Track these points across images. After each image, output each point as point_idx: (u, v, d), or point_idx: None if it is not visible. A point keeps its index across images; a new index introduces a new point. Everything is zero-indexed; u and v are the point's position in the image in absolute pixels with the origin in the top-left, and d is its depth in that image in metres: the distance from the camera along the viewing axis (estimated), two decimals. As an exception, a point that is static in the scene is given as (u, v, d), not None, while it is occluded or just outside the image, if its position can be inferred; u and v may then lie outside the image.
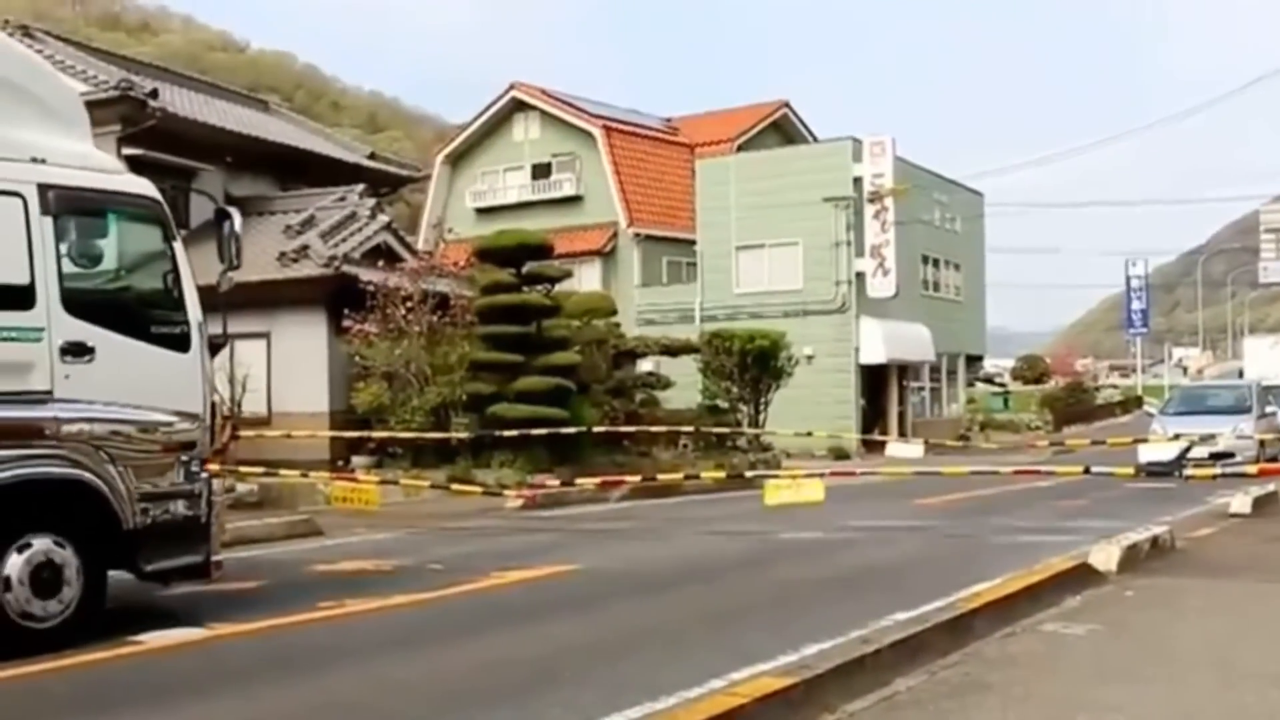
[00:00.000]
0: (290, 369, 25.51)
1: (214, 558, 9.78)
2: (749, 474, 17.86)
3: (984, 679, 7.19)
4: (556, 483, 17.96)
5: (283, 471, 16.53)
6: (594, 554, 13.94)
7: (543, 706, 6.90)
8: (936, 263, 45.89)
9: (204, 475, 9.77)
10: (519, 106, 50.32)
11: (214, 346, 10.45)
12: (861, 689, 6.88)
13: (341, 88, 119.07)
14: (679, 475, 18.36)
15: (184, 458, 9.51)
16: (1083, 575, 10.53)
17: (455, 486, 17.61)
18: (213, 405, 10.15)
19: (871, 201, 39.36)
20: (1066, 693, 6.91)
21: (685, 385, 31.49)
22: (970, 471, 15.54)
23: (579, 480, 17.12)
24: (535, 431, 21.96)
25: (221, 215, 10.64)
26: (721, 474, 19.26)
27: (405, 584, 11.46)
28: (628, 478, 17.64)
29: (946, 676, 7.30)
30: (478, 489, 17.21)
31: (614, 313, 30.29)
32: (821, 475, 14.13)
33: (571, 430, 22.48)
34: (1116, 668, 7.52)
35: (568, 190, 48.48)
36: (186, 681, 7.79)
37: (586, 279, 44.94)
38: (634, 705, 6.76)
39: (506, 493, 17.45)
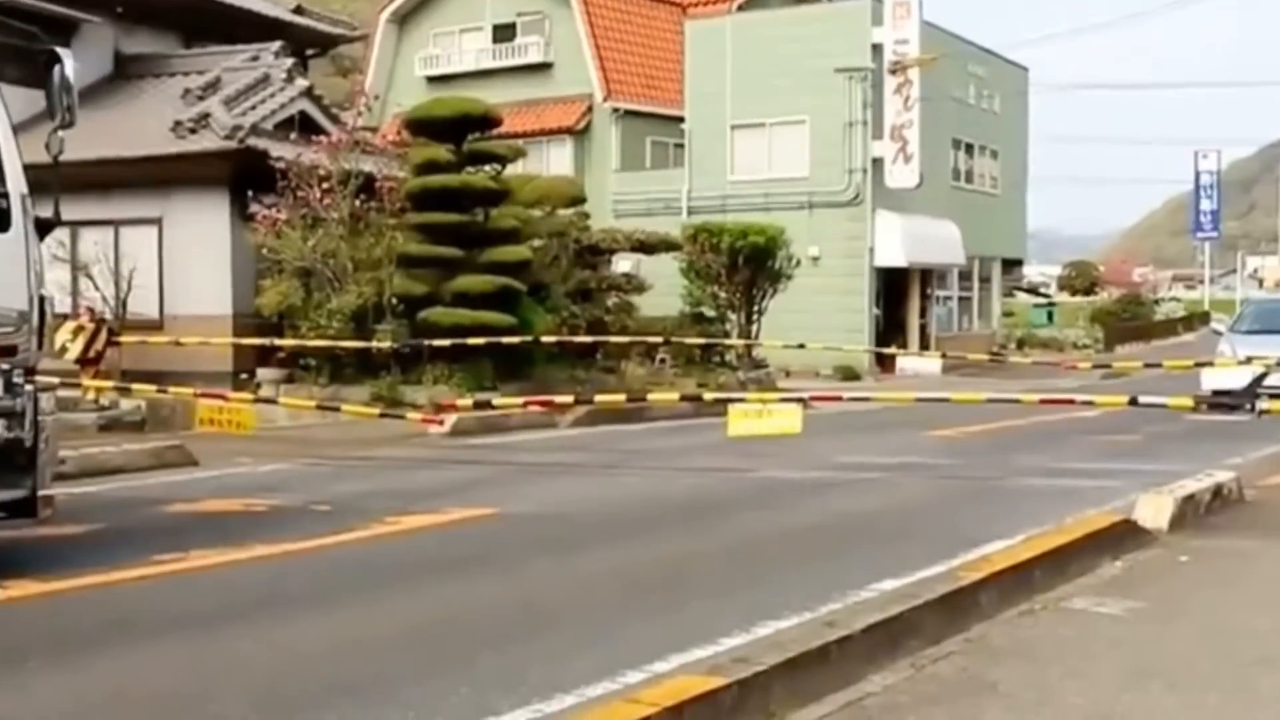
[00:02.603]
0: (186, 263, 24.69)
1: (42, 492, 8.97)
2: (708, 396, 16.85)
3: (986, 676, 6.28)
4: (468, 403, 16.98)
5: (137, 387, 15.44)
6: (521, 495, 13.15)
7: (388, 710, 5.96)
8: (969, 149, 45.02)
9: (28, 389, 8.86)
10: (479, -46, 48.87)
11: (42, 227, 9.50)
12: (820, 689, 5.98)
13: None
14: (620, 398, 17.37)
15: None
16: (1125, 534, 9.64)
17: (346, 408, 16.67)
18: (41, 300, 9.19)
19: (893, 73, 38.37)
20: (1095, 700, 5.97)
21: (667, 289, 30.61)
22: (986, 399, 14.62)
23: (498, 402, 16.15)
24: (471, 341, 20.99)
25: (49, 58, 9.54)
26: (674, 396, 18.30)
27: (274, 530, 10.59)
28: (557, 399, 16.74)
29: (936, 671, 6.39)
30: (373, 412, 16.24)
31: (581, 201, 29.37)
32: (801, 400, 13.20)
33: (515, 340, 21.50)
34: (1164, 664, 6.59)
35: (534, 56, 47.20)
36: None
37: (556, 162, 44.01)
38: (512, 709, 5.85)
39: (410, 416, 16.43)
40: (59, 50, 9.43)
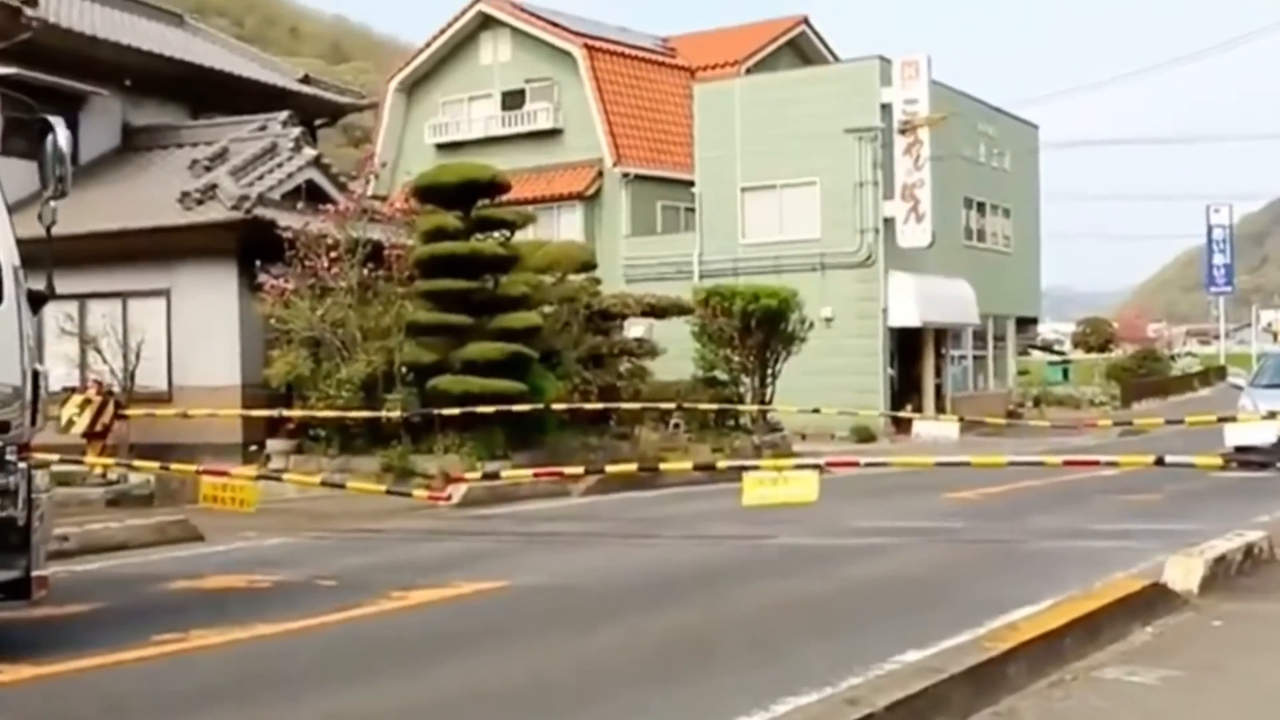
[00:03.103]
0: (195, 334, 24.52)
1: (36, 572, 8.66)
2: (722, 465, 16.53)
3: (1017, 755, 5.96)
4: (476, 475, 16.69)
5: (139, 463, 15.18)
6: (531, 566, 12.87)
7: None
8: (981, 207, 44.79)
9: (21, 466, 8.61)
10: (486, 23, 48.98)
11: (36, 300, 9.26)
12: (841, 774, 5.66)
13: (300, 10, 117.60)
14: (631, 467, 17.08)
15: None
16: (1155, 598, 9.32)
17: (352, 485, 16.35)
18: (35, 375, 8.93)
19: (903, 133, 38.20)
20: (1132, 778, 5.66)
21: (680, 354, 30.38)
22: (1008, 462, 14.31)
23: (505, 474, 15.87)
24: (481, 409, 20.72)
25: (42, 127, 9.33)
26: (687, 465, 18.01)
27: (277, 607, 10.28)
28: (566, 470, 16.43)
29: (964, 751, 6.06)
30: (379, 489, 15.93)
31: (592, 266, 29.16)
32: (818, 468, 12.88)
33: (526, 408, 21.23)
34: (1203, 738, 6.27)
35: (544, 123, 47.19)
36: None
37: (567, 227, 43.90)
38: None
39: (416, 494, 16.13)
40: (51, 119, 9.21)
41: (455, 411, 20.98)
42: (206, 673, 8.36)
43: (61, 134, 9.14)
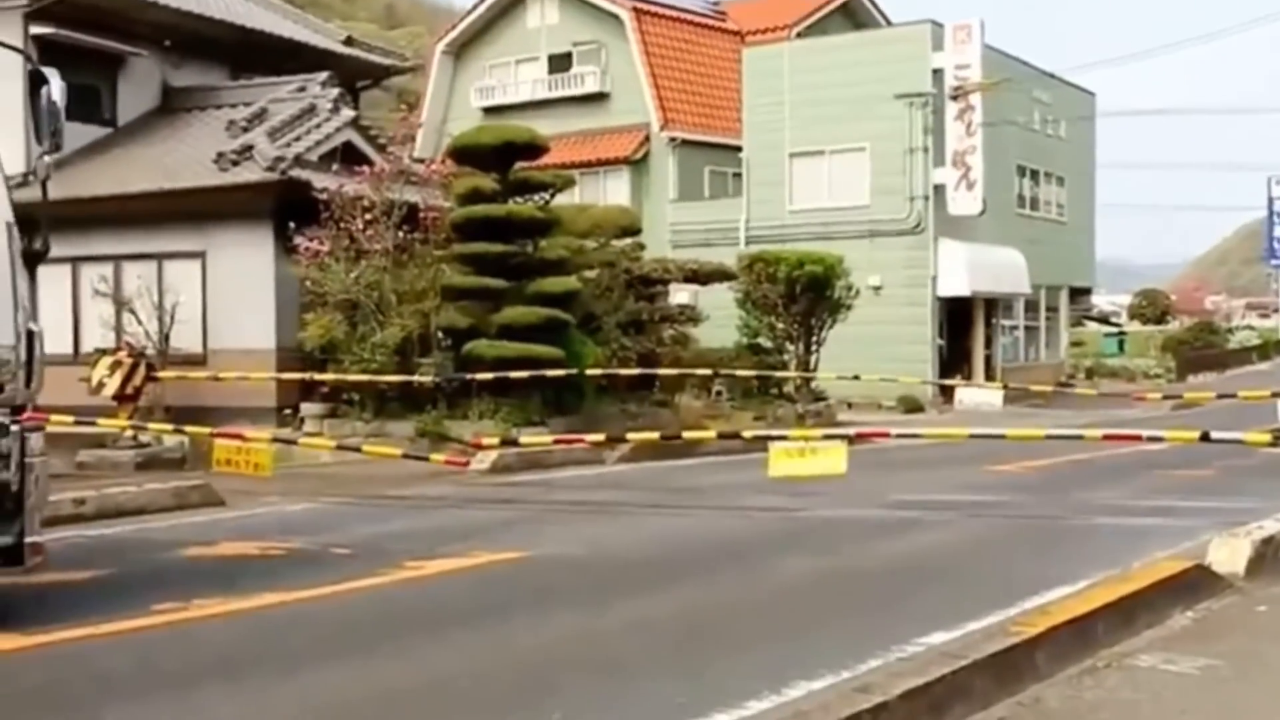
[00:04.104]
0: (230, 296, 24.32)
1: (30, 538, 8.44)
2: (747, 434, 16.10)
3: (1039, 750, 5.57)
4: (495, 441, 16.34)
5: (154, 426, 14.96)
6: (555, 536, 12.52)
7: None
8: (1034, 175, 44.04)
9: (14, 429, 8.35)
10: (534, -15, 48.50)
11: (30, 258, 8.98)
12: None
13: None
14: (654, 435, 16.69)
15: None
16: (1197, 580, 8.88)
17: (367, 448, 16.03)
18: (30, 335, 8.65)
19: (955, 99, 37.48)
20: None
21: (724, 320, 29.97)
22: (1045, 435, 13.86)
23: (525, 440, 15.53)
24: (515, 374, 20.39)
25: (36, 78, 9.03)
26: (712, 434, 17.59)
27: (287, 576, 10.03)
28: (588, 437, 16.09)
29: (983, 745, 5.68)
30: (396, 451, 15.61)
31: (637, 231, 28.79)
32: (846, 438, 12.45)
33: (561, 373, 20.88)
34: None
35: (590, 86, 46.71)
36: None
37: (613, 192, 43.46)
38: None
39: (434, 458, 15.79)
40: (45, 71, 8.92)
41: (489, 376, 20.62)
42: (202, 645, 8.11)
43: (55, 86, 8.86)
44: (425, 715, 6.56)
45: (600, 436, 16.12)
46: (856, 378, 26.13)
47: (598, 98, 46.59)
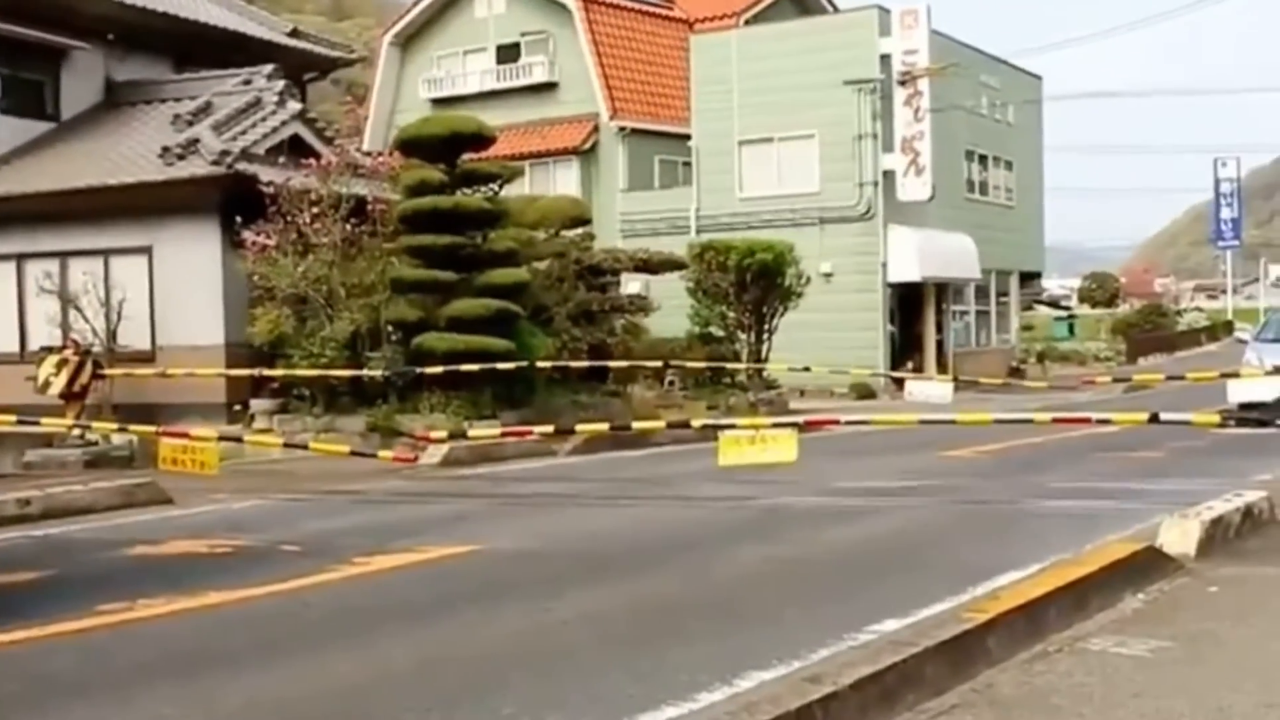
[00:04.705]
0: (177, 292, 24.17)
1: None
2: (696, 424, 16.08)
3: (992, 736, 5.53)
4: (443, 435, 16.24)
5: (98, 425, 14.79)
6: (506, 530, 12.44)
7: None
8: (983, 160, 44.25)
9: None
10: (481, -25, 48.32)
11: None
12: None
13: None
14: (603, 427, 16.63)
15: None
16: (1148, 562, 8.86)
17: (314, 445, 15.91)
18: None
19: (903, 84, 37.62)
20: (1115, 763, 5.23)
21: (674, 310, 29.90)
22: (994, 419, 13.88)
23: (473, 433, 15.45)
24: (465, 367, 20.27)
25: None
26: (661, 425, 17.57)
27: (234, 574, 9.88)
28: (536, 429, 16.04)
29: (935, 732, 5.64)
30: (344, 449, 15.49)
31: (586, 221, 28.80)
32: (796, 426, 12.42)
33: (512, 366, 20.78)
34: (1195, 713, 5.83)
35: (539, 76, 46.65)
36: None
37: (563, 182, 43.45)
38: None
39: (382, 454, 15.68)
40: None
41: (439, 370, 20.51)
42: (147, 646, 7.95)
43: None
44: (373, 710, 6.44)
45: (549, 428, 16.02)
46: (807, 369, 26.14)
47: (546, 88, 46.52)
